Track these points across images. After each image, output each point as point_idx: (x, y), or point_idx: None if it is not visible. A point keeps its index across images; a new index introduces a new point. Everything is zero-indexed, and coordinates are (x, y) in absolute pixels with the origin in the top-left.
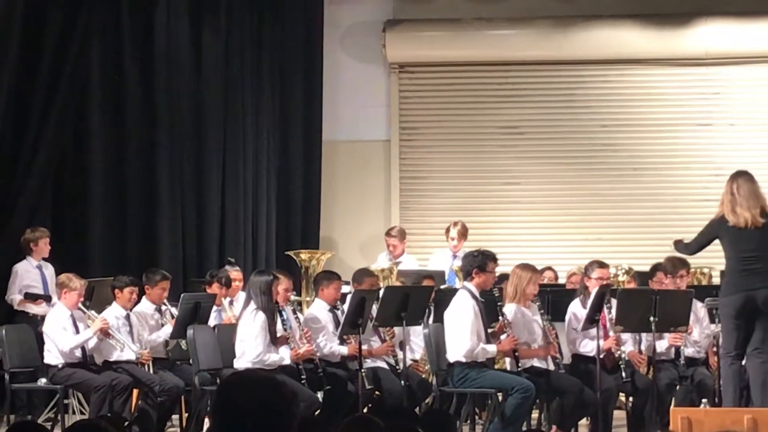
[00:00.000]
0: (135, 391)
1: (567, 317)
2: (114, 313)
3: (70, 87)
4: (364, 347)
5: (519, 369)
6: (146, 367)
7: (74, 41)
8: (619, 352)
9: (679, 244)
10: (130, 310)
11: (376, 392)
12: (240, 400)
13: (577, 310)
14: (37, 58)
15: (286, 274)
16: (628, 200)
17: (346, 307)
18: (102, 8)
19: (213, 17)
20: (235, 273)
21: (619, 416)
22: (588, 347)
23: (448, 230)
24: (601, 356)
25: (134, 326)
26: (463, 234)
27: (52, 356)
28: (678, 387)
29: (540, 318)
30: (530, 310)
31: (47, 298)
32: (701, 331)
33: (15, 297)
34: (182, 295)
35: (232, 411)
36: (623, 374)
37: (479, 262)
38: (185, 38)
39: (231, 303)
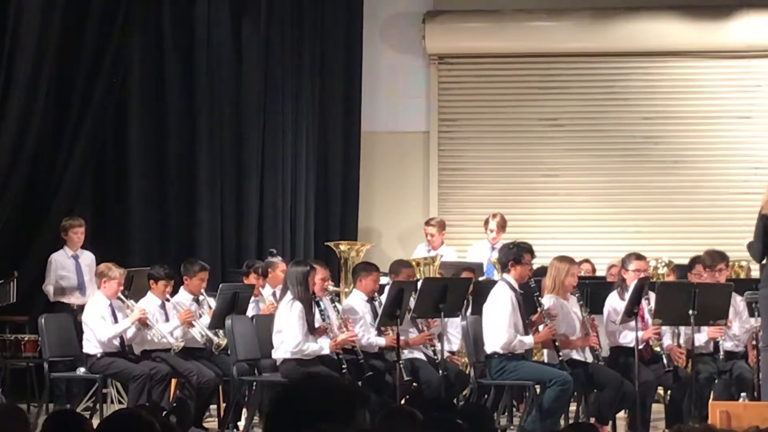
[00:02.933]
0: (173, 381)
1: (605, 310)
2: (149, 302)
3: (111, 78)
4: (401, 338)
5: (560, 359)
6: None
7: (115, 31)
8: (659, 344)
9: (751, 248)
10: (166, 300)
11: (414, 383)
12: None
13: (614, 302)
14: (77, 49)
15: (323, 263)
16: (668, 193)
17: (383, 298)
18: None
19: (253, 8)
20: (282, 264)
21: (658, 409)
22: (628, 338)
23: (486, 222)
24: (640, 347)
25: (170, 316)
26: (502, 226)
27: (91, 345)
28: (717, 381)
29: (579, 310)
30: (569, 302)
31: (79, 288)
32: (741, 324)
33: (49, 289)
34: (220, 285)
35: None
36: (664, 362)
37: (515, 254)
38: (225, 29)
39: (273, 294)
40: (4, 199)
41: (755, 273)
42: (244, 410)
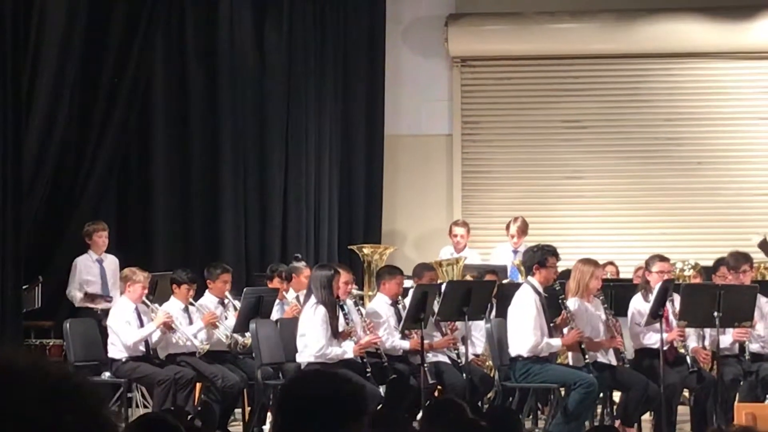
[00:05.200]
0: (198, 385)
1: (629, 312)
2: (172, 306)
3: (134, 82)
4: (425, 342)
5: (586, 361)
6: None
7: (138, 36)
8: (684, 346)
9: (764, 245)
10: (189, 303)
11: (439, 387)
12: (307, 396)
13: (639, 305)
14: (101, 53)
15: (346, 267)
16: (691, 194)
17: (407, 301)
18: (165, 3)
19: (276, 13)
20: (306, 269)
21: (683, 411)
22: (652, 339)
23: (508, 226)
24: (665, 348)
25: (194, 319)
26: (523, 230)
27: (116, 350)
28: (742, 382)
29: (603, 313)
30: (593, 304)
31: (107, 299)
32: (766, 326)
33: (76, 294)
34: (245, 289)
35: (298, 408)
36: (689, 363)
37: (539, 257)
38: (248, 33)
39: (297, 297)
40: (28, 204)
41: None
42: (269, 414)
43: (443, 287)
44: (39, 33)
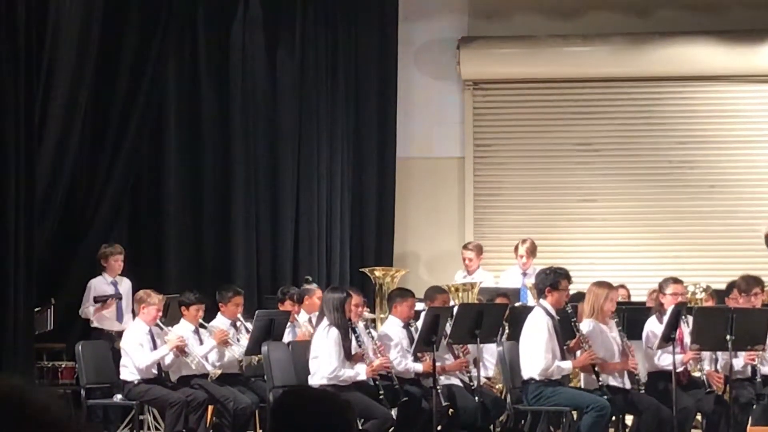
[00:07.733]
0: (210, 407)
1: (644, 334)
2: (183, 329)
3: (147, 105)
4: (438, 364)
5: (600, 384)
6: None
7: (150, 59)
8: (699, 367)
9: None
10: (198, 325)
11: (451, 410)
12: (295, 416)
13: (653, 327)
14: (113, 76)
15: (356, 290)
16: (704, 217)
17: (419, 324)
18: (178, 26)
19: (288, 36)
20: (318, 290)
21: None
22: (668, 360)
23: (516, 248)
24: (679, 370)
25: (205, 340)
26: (532, 252)
27: (128, 372)
28: (755, 406)
29: (618, 335)
30: (608, 326)
31: (117, 297)
32: None
33: (89, 309)
34: (257, 312)
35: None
36: (706, 384)
37: (551, 280)
38: (260, 57)
39: (309, 320)
40: (41, 226)
41: None
42: None
43: (455, 310)
44: (52, 57)
